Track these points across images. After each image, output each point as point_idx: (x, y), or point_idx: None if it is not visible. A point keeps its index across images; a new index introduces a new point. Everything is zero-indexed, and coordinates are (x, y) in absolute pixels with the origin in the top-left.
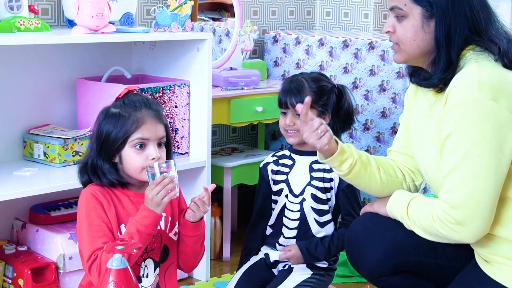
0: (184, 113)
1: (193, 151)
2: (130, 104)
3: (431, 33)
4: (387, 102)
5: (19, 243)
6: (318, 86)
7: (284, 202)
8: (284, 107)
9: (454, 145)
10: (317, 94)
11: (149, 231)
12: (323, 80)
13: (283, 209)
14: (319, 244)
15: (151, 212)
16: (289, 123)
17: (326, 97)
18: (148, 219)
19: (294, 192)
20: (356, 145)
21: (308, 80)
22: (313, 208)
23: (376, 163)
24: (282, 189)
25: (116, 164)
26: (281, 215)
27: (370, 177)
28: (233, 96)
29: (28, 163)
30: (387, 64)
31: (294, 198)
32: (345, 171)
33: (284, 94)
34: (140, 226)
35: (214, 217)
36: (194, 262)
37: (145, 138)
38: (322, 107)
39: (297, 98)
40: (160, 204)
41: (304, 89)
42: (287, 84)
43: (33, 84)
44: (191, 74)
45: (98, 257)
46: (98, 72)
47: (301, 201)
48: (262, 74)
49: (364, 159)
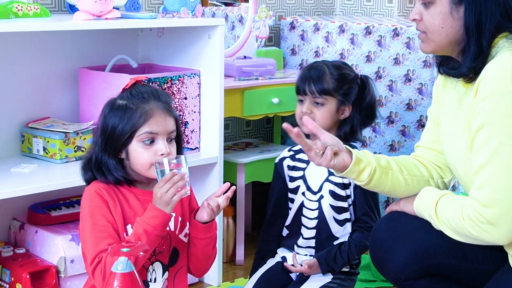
0: (194, 105)
1: (204, 146)
2: (137, 96)
3: (460, 20)
4: (413, 93)
5: (17, 245)
6: (340, 74)
7: (301, 200)
8: (302, 94)
9: (485, 139)
10: (339, 81)
11: (158, 232)
12: (346, 69)
13: (300, 208)
14: (338, 256)
15: (160, 211)
16: (306, 111)
17: (348, 86)
18: (156, 219)
19: (312, 189)
20: (379, 139)
21: (329, 66)
22: (332, 206)
23: (397, 165)
24: (299, 186)
25: (122, 160)
26: (298, 214)
27: (394, 182)
28: (247, 87)
29: (27, 159)
30: (413, 52)
31: (312, 195)
32: (365, 180)
33: (303, 80)
34: (148, 226)
35: (226, 217)
36: (205, 266)
37: (154, 132)
38: (342, 96)
39: (317, 85)
40: (170, 203)
41: (325, 76)
42: (307, 71)
43: (31, 74)
44: (201, 63)
45: (103, 259)
46: (102, 61)
47: (319, 199)
48: (278, 63)
49: (383, 164)
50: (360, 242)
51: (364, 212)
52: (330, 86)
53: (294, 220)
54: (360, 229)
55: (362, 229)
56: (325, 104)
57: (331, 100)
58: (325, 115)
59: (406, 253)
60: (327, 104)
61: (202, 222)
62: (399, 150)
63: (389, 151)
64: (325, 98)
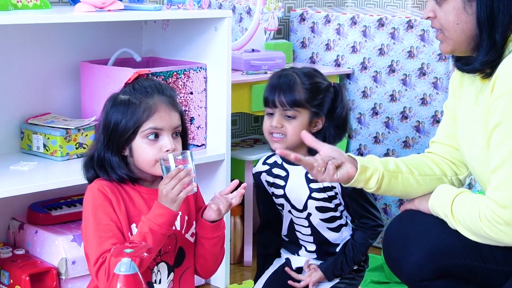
0: (200, 100)
1: (210, 142)
2: (140, 90)
3: (474, 15)
4: (428, 88)
5: (16, 246)
6: (312, 83)
7: (290, 217)
8: (271, 106)
9: (501, 137)
10: (311, 92)
11: (164, 231)
12: (318, 77)
13: (292, 224)
14: (344, 264)
15: (166, 209)
16: (276, 125)
17: (322, 95)
18: (162, 217)
19: (297, 207)
20: (392, 136)
21: (300, 75)
22: (322, 220)
23: (407, 166)
24: (283, 204)
25: (126, 157)
26: (291, 228)
27: (405, 184)
28: (255, 81)
29: (26, 157)
30: (428, 45)
31: (299, 213)
32: (373, 187)
33: (271, 90)
34: (154, 225)
35: (234, 216)
36: (213, 266)
37: (158, 127)
38: (316, 107)
39: (287, 96)
40: (176, 200)
41: (295, 86)
42: (276, 79)
43: (31, 69)
44: (208, 56)
45: (107, 260)
46: (104, 54)
47: (307, 216)
48: (288, 57)
49: (391, 168)
50: (363, 243)
51: (360, 216)
52: (302, 97)
53: (289, 232)
54: (361, 229)
55: (363, 229)
56: (297, 116)
57: (303, 112)
58: (297, 129)
59: (421, 253)
60: (299, 116)
61: (210, 221)
62: (413, 147)
63: (403, 147)
64: (297, 111)
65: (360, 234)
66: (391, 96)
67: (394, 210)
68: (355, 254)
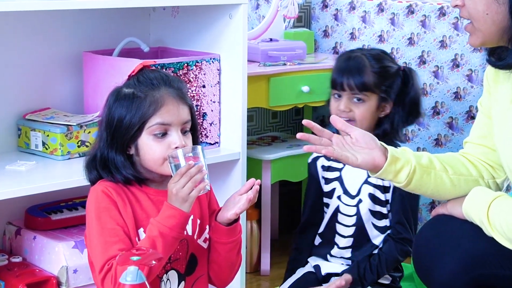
0: (213, 94)
1: (224, 140)
2: (146, 82)
3: (505, 5)
4: (462, 81)
5: (13, 253)
6: (381, 67)
7: (337, 205)
8: (339, 89)
9: None
10: (380, 75)
11: (175, 234)
12: (387, 60)
13: (335, 214)
14: (368, 271)
15: (177, 210)
16: (344, 109)
17: (391, 80)
18: (173, 219)
19: (349, 192)
20: (423, 133)
21: (369, 58)
22: (371, 211)
23: (441, 163)
24: (334, 189)
25: (131, 156)
26: (332, 221)
27: (437, 182)
28: (273, 73)
29: (24, 156)
30: (461, 34)
31: (349, 199)
32: (403, 181)
33: (339, 73)
34: (164, 228)
35: (250, 221)
36: (228, 275)
37: (166, 123)
38: (384, 92)
39: (356, 79)
40: (187, 199)
41: (365, 69)
42: (344, 62)
43: (29, 59)
44: (222, 46)
45: (113, 267)
46: (109, 44)
47: (357, 203)
48: (309, 47)
49: (424, 163)
50: (390, 255)
51: (398, 220)
52: (371, 81)
53: (328, 227)
54: (392, 239)
55: (393, 240)
56: (366, 101)
57: (372, 97)
58: (365, 113)
59: (454, 262)
60: (367, 101)
61: (225, 224)
62: (445, 145)
63: (435, 146)
64: (366, 95)
65: (389, 245)
66: (422, 90)
67: (425, 214)
68: (380, 265)
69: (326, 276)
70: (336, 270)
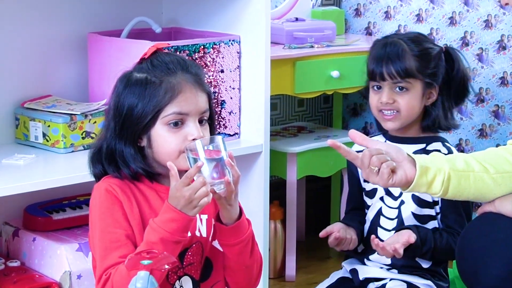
0: (233, 80)
1: (245, 131)
2: (161, 66)
3: None
4: (509, 65)
5: (10, 256)
6: (422, 50)
7: (379, 207)
8: (378, 79)
9: None
10: (422, 59)
11: (176, 238)
12: (426, 42)
13: (377, 217)
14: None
15: (180, 214)
16: (387, 100)
17: (435, 63)
18: (174, 223)
19: (392, 193)
20: (466, 123)
21: (407, 41)
22: (414, 215)
23: (480, 163)
24: (376, 189)
25: (143, 148)
26: (375, 225)
27: (478, 186)
28: (299, 56)
29: (22, 148)
30: (508, 13)
31: (391, 201)
32: (439, 192)
33: (377, 61)
34: (165, 233)
35: (274, 220)
36: (246, 280)
37: (183, 112)
38: (430, 77)
39: (397, 65)
40: (198, 206)
41: (405, 53)
42: (381, 49)
43: (28, 42)
44: (242, 27)
45: (111, 276)
46: (117, 24)
47: (399, 205)
48: (339, 27)
49: (460, 167)
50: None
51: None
52: (413, 66)
53: (370, 232)
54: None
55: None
56: (409, 89)
57: (416, 84)
58: (411, 103)
59: (502, 265)
60: (411, 88)
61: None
62: (491, 136)
63: (479, 137)
64: (409, 82)
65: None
66: None
67: None
68: (441, 238)
69: (364, 281)
70: (376, 275)
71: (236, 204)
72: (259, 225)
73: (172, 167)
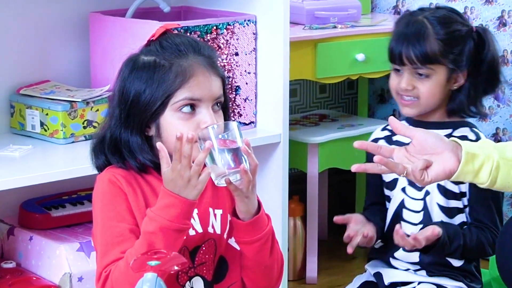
0: (248, 64)
1: (262, 120)
2: (171, 48)
3: None
4: None
5: (5, 257)
6: (448, 32)
7: (401, 198)
8: (398, 62)
9: None
10: (447, 43)
11: (177, 226)
12: (455, 22)
13: (400, 210)
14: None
15: (177, 198)
16: (406, 86)
17: (461, 46)
18: (174, 209)
19: (415, 183)
20: (504, 110)
21: (432, 21)
22: (440, 206)
23: None
24: (397, 179)
25: (150, 137)
26: (397, 218)
27: None
28: (321, 38)
29: (18, 139)
30: None
31: (415, 192)
32: (486, 182)
33: (397, 41)
34: (164, 221)
35: (294, 217)
36: (266, 281)
37: (195, 98)
38: (453, 62)
39: (416, 49)
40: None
41: (426, 36)
42: (403, 27)
43: (24, 23)
44: (258, 5)
45: (111, 274)
46: (121, 3)
47: (424, 196)
48: (365, 5)
49: (510, 155)
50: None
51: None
52: (436, 50)
53: (392, 227)
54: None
55: (479, 229)
56: (431, 75)
57: (439, 69)
58: (432, 90)
59: None
60: (433, 75)
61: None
62: None
63: None
64: (430, 68)
65: (475, 229)
66: (501, 57)
67: (505, 209)
68: (470, 235)
69: (389, 286)
70: (403, 279)
71: (254, 197)
72: (277, 223)
73: (162, 147)
